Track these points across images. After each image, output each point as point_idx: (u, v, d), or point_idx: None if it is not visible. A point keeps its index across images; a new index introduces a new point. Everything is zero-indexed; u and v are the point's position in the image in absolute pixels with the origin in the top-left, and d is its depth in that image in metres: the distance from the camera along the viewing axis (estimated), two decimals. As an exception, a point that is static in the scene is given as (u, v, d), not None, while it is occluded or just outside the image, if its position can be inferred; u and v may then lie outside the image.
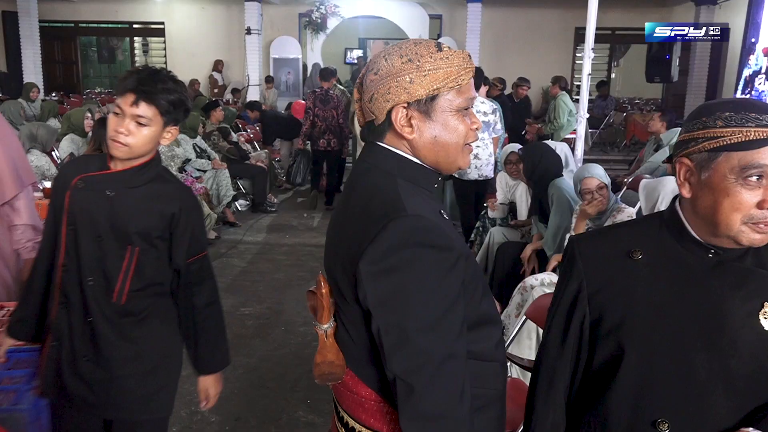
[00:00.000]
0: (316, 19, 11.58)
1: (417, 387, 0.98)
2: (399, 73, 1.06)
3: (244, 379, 3.29)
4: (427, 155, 1.11)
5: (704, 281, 1.11)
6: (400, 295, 0.98)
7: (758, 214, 1.04)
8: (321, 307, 1.06)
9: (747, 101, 1.06)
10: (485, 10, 11.19)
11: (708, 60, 11.04)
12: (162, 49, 12.78)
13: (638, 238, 1.17)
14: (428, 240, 0.99)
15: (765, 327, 1.09)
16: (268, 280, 4.87)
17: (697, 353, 1.09)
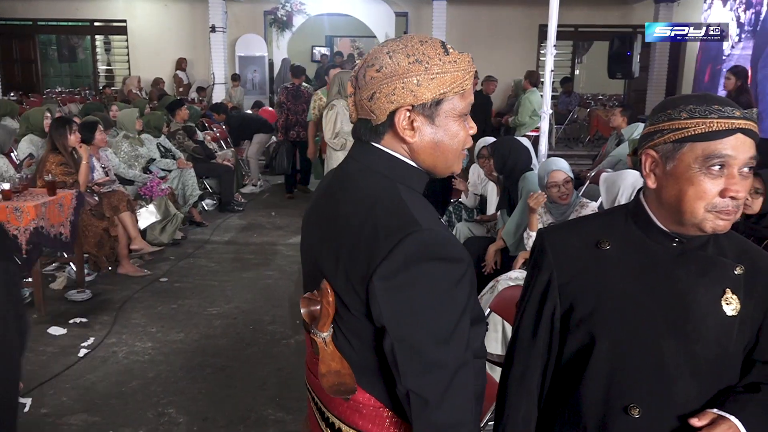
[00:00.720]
0: (282, 17, 11.50)
1: (432, 400, 0.98)
2: (406, 74, 1.02)
3: (211, 379, 3.27)
4: (426, 159, 1.08)
5: (670, 270, 1.15)
6: (416, 310, 0.97)
7: (721, 203, 1.08)
8: (325, 315, 1.02)
9: (709, 95, 1.11)
10: (450, 7, 11.26)
11: (667, 56, 11.30)
12: (124, 47, 12.54)
13: (605, 229, 1.21)
14: (441, 254, 0.98)
15: (727, 312, 1.14)
16: (236, 280, 4.84)
17: (664, 340, 1.13)
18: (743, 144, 1.07)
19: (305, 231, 1.20)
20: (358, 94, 1.07)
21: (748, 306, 1.16)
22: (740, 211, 1.11)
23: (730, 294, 1.14)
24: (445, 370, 0.98)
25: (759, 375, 1.19)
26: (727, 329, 1.14)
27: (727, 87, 5.57)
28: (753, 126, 1.08)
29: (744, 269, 1.16)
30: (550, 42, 4.97)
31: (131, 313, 4.15)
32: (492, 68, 10.22)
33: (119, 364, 3.43)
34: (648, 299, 1.15)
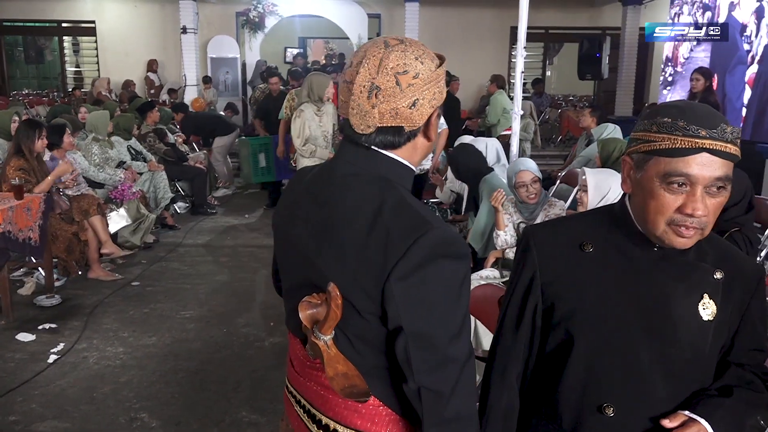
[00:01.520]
0: (254, 18, 11.43)
1: (445, 393, 1.01)
2: (438, 78, 1.07)
3: (185, 383, 3.25)
4: (423, 155, 1.14)
5: (650, 274, 1.16)
6: (431, 307, 1.00)
7: (678, 218, 1.08)
8: (333, 318, 1.01)
9: (689, 108, 1.09)
10: (423, 9, 11.32)
11: (636, 57, 11.51)
12: (93, 48, 12.35)
13: (590, 230, 1.22)
14: (452, 251, 1.01)
15: (704, 317, 1.16)
16: (210, 283, 4.81)
17: (641, 343, 1.16)
18: (709, 164, 1.05)
19: (284, 232, 1.19)
20: (388, 102, 1.04)
21: (726, 310, 1.18)
22: (706, 230, 1.10)
23: (707, 299, 1.17)
24: (456, 364, 1.01)
25: (732, 377, 1.21)
26: (702, 333, 1.16)
27: (697, 88, 5.67)
28: (722, 146, 1.05)
29: (724, 274, 1.17)
30: (520, 44, 5.03)
31: (102, 317, 4.10)
32: (464, 70, 10.32)
33: (90, 370, 3.39)
34: (627, 302, 1.16)
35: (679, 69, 8.94)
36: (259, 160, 7.22)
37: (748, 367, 1.24)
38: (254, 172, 7.24)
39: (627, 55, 11.36)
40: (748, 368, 1.24)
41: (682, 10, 8.84)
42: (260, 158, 7.22)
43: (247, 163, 7.27)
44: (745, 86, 7.12)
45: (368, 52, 1.05)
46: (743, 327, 1.22)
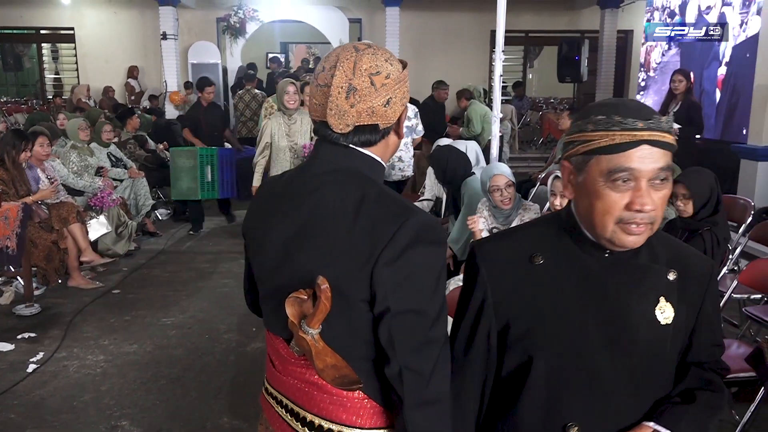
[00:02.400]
0: (235, 24, 11.42)
1: (425, 373, 1.05)
2: (405, 79, 1.15)
3: (166, 390, 3.24)
4: (392, 152, 1.21)
5: (602, 282, 1.13)
6: (417, 289, 1.05)
7: (627, 216, 1.05)
8: (322, 310, 1.03)
9: (621, 104, 1.07)
10: (403, 13, 11.38)
11: (614, 60, 11.65)
12: (73, 55, 12.26)
13: (538, 241, 1.17)
14: (434, 237, 1.08)
15: (661, 321, 1.13)
16: (192, 289, 4.79)
17: (600, 354, 1.11)
18: (650, 156, 1.04)
19: (258, 238, 1.21)
20: (365, 102, 1.10)
21: (682, 311, 1.15)
22: (656, 224, 1.08)
23: (663, 302, 1.14)
24: (436, 346, 1.07)
25: (693, 379, 1.18)
26: (661, 338, 1.13)
27: (679, 89, 5.75)
28: (660, 136, 1.04)
29: (677, 274, 1.15)
30: (499, 47, 5.08)
31: (82, 326, 4.07)
32: (445, 73, 10.36)
33: (70, 379, 3.36)
34: (582, 314, 1.12)
35: (651, 74, 9.10)
36: (206, 173, 6.28)
37: (707, 365, 1.22)
38: (201, 187, 6.27)
39: (605, 58, 11.50)
40: (707, 365, 1.22)
41: (653, 16, 9.02)
42: (206, 171, 6.29)
43: (189, 176, 6.25)
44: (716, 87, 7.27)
45: (341, 56, 1.12)
46: (700, 325, 1.19)
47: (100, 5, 11.87)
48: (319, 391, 1.14)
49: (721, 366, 1.24)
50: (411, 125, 5.43)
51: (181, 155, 6.29)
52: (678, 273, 1.15)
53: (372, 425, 1.13)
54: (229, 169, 6.52)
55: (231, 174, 6.53)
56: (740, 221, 4.04)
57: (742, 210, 4.11)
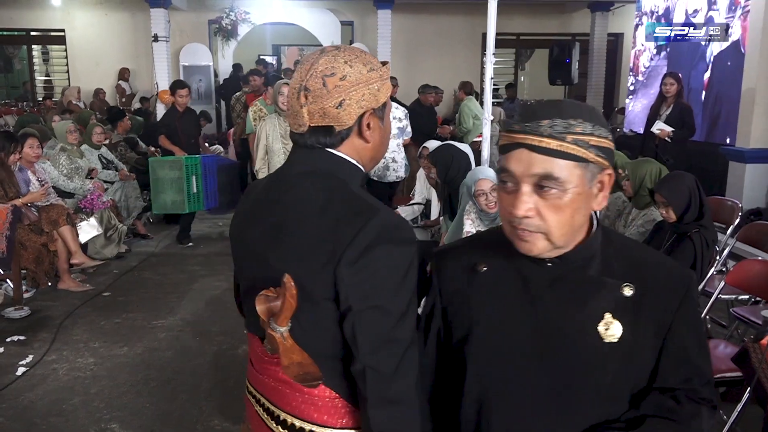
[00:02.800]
0: (227, 26, 11.41)
1: (387, 373, 1.05)
2: (369, 81, 1.12)
3: (156, 393, 3.23)
4: (371, 156, 1.19)
5: (542, 294, 1.07)
6: (377, 289, 1.04)
7: (514, 220, 1.03)
8: (288, 308, 1.05)
9: (529, 104, 1.05)
10: (395, 16, 11.39)
11: (605, 63, 11.71)
12: (63, 57, 12.21)
13: (487, 250, 1.14)
14: (398, 236, 1.07)
15: (604, 339, 1.04)
16: (182, 292, 4.78)
17: (534, 371, 1.07)
18: (527, 160, 0.99)
19: (240, 238, 1.23)
20: (316, 103, 1.10)
21: (638, 330, 1.06)
22: (552, 236, 1.02)
23: (609, 318, 1.05)
24: (400, 346, 1.06)
25: (650, 405, 1.08)
26: (604, 358, 1.05)
27: (671, 92, 5.79)
28: (537, 140, 0.99)
29: (634, 289, 1.06)
30: (490, 50, 5.10)
31: (72, 329, 4.06)
32: (437, 75, 10.40)
33: (59, 382, 3.35)
34: (517, 326, 1.08)
35: (640, 78, 9.18)
36: (192, 184, 5.79)
37: (681, 392, 1.08)
38: (188, 199, 5.78)
39: (596, 61, 11.57)
40: (682, 393, 1.08)
41: (642, 21, 9.11)
42: (192, 182, 5.80)
43: (174, 188, 5.71)
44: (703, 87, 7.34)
45: (305, 59, 1.14)
46: (669, 347, 1.07)
47: (90, 7, 11.83)
48: (292, 389, 1.15)
49: (701, 396, 1.09)
50: (402, 126, 5.46)
51: (163, 166, 5.74)
52: (637, 288, 1.06)
53: (343, 425, 1.14)
54: (212, 178, 6.08)
55: (214, 183, 6.09)
56: (728, 223, 4.08)
57: (729, 212, 4.15)
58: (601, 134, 1.01)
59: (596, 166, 1.01)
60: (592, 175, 1.01)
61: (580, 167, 1.00)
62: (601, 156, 1.01)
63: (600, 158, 1.01)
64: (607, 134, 1.02)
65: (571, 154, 0.98)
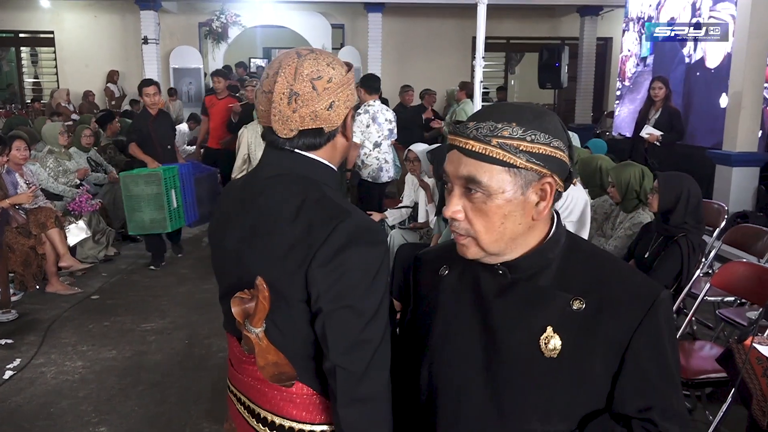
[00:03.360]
0: (217, 29, 11.40)
1: (357, 372, 1.07)
2: (349, 82, 1.17)
3: (145, 396, 3.22)
4: (343, 155, 1.23)
5: (492, 301, 1.04)
6: (349, 291, 1.06)
7: (451, 223, 1.02)
8: (261, 310, 1.07)
9: (489, 107, 1.02)
10: (386, 19, 11.43)
11: (594, 67, 11.79)
12: (52, 59, 12.15)
13: (455, 253, 1.09)
14: (369, 238, 1.09)
15: (544, 353, 0.98)
16: (172, 295, 4.76)
17: (475, 380, 1.04)
18: (456, 161, 0.99)
19: (218, 240, 1.25)
20: (307, 106, 1.12)
21: (584, 346, 0.98)
22: (482, 240, 0.99)
23: (550, 332, 0.98)
24: (370, 346, 1.08)
25: (594, 430, 1.00)
26: (543, 373, 0.98)
27: (659, 96, 5.84)
28: (462, 142, 0.97)
29: (586, 304, 0.98)
30: (479, 54, 5.13)
31: (60, 332, 4.04)
32: (428, 78, 10.43)
33: (47, 385, 3.33)
34: (466, 333, 1.05)
35: (626, 83, 9.28)
36: (171, 199, 5.04)
37: (636, 422, 0.99)
38: (170, 216, 5.03)
39: (585, 65, 11.65)
40: (637, 423, 0.99)
41: (628, 26, 9.22)
42: (172, 197, 5.06)
43: (152, 205, 4.94)
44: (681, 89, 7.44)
45: (283, 63, 1.14)
46: (626, 370, 0.98)
47: (80, 9, 11.78)
48: (270, 388, 1.17)
49: (659, 429, 0.99)
50: (392, 128, 5.50)
51: (137, 182, 4.93)
52: (591, 302, 0.98)
53: (321, 420, 1.17)
54: (190, 189, 5.35)
55: (192, 194, 5.36)
56: (714, 225, 4.12)
57: (716, 214, 4.19)
58: (536, 140, 0.95)
59: (531, 173, 0.96)
60: (526, 182, 0.96)
61: (508, 173, 0.95)
62: (535, 163, 0.95)
63: (534, 165, 0.95)
64: (548, 140, 0.96)
65: (496, 158, 0.95)
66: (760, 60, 6.04)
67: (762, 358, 2.03)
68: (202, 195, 5.47)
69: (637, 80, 8.90)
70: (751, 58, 6.01)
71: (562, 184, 1.00)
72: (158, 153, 5.43)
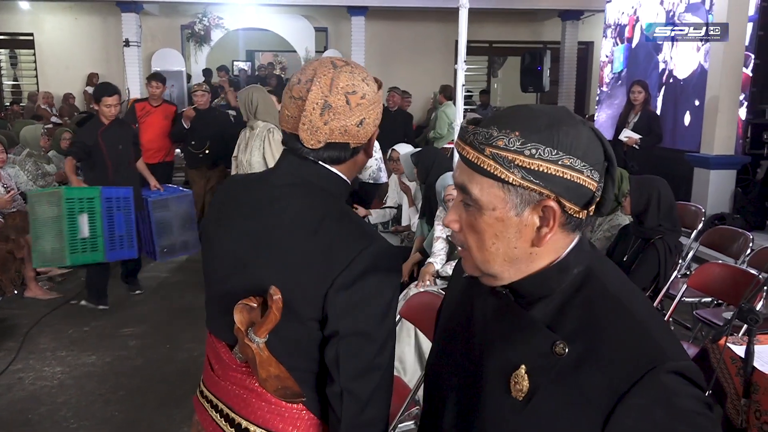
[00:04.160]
0: (199, 31, 11.36)
1: (364, 397, 1.06)
2: (379, 101, 1.16)
3: (125, 401, 3.20)
4: (357, 171, 1.21)
5: (483, 323, 0.94)
6: (368, 316, 1.06)
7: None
8: (271, 321, 1.04)
9: (511, 108, 0.89)
10: (369, 23, 11.45)
11: (575, 71, 11.92)
12: (32, 61, 12.02)
13: None
14: (390, 265, 1.09)
15: (512, 393, 0.85)
16: (153, 299, 4.73)
17: (447, 403, 0.98)
18: (459, 168, 0.88)
19: (213, 241, 1.22)
20: (338, 120, 1.10)
21: (556, 397, 0.82)
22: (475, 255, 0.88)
23: (522, 372, 0.85)
24: (378, 372, 1.08)
25: None
26: (504, 413, 0.86)
27: (638, 100, 5.90)
28: (460, 147, 0.86)
29: (570, 350, 0.82)
30: (461, 57, 5.16)
31: (39, 337, 3.99)
32: (411, 82, 10.46)
33: (25, 391, 3.29)
34: (455, 352, 0.99)
35: (604, 89, 9.41)
36: (80, 226, 4.07)
37: None
38: (71, 247, 4.04)
39: (567, 68, 11.76)
40: None
41: (606, 33, 9.35)
42: (81, 223, 4.07)
43: (52, 232, 4.06)
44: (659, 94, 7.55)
45: (318, 71, 1.11)
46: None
47: (60, 11, 11.68)
48: (258, 398, 1.14)
49: None
50: None
51: (41, 200, 4.09)
52: (576, 350, 0.82)
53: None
54: (124, 217, 4.32)
55: (131, 224, 4.37)
56: (692, 227, 4.18)
57: (693, 216, 4.26)
58: (537, 155, 0.80)
59: (529, 192, 0.81)
60: (522, 202, 0.82)
61: (501, 188, 0.82)
62: (532, 181, 0.80)
63: (531, 183, 0.81)
64: (556, 157, 0.80)
65: (487, 170, 0.82)
66: (736, 64, 6.14)
67: (735, 357, 2.07)
68: (172, 221, 4.87)
69: (614, 85, 9.03)
70: (727, 63, 6.11)
71: (579, 209, 0.83)
72: (107, 173, 4.32)
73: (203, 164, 5.81)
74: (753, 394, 1.95)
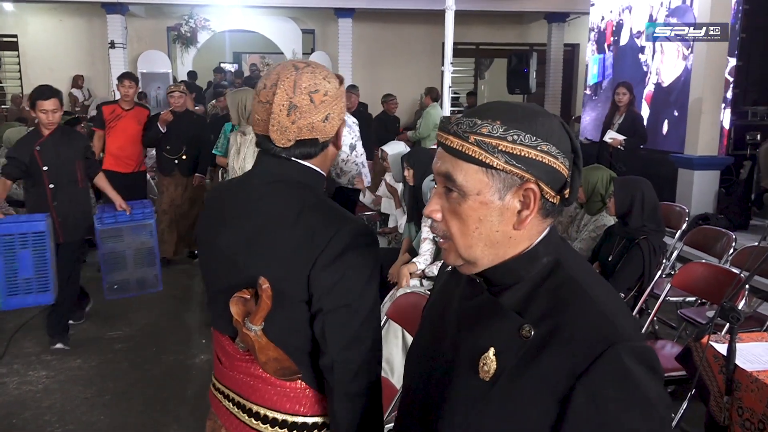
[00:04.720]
0: (186, 33, 11.30)
1: (354, 368, 1.14)
2: (341, 95, 1.24)
3: (111, 405, 3.18)
4: (332, 162, 1.30)
5: (459, 311, 0.98)
6: (349, 291, 1.14)
7: None
8: (264, 308, 1.12)
9: (489, 103, 0.93)
10: (356, 25, 11.46)
11: (561, 72, 12.00)
12: (16, 63, 11.91)
13: None
14: (367, 241, 1.17)
15: (480, 375, 0.88)
16: (139, 302, 4.69)
17: (422, 387, 0.99)
18: (440, 157, 0.92)
19: (208, 243, 1.29)
20: (305, 118, 1.18)
21: (520, 379, 0.85)
22: (459, 245, 0.91)
23: (491, 354, 0.88)
24: (365, 343, 1.16)
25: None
26: (472, 394, 0.89)
27: (623, 101, 5.93)
28: (443, 137, 0.91)
29: (534, 333, 0.85)
30: (447, 59, 5.19)
31: (23, 341, 3.95)
32: (398, 84, 10.50)
33: (9, 396, 3.26)
34: (429, 341, 1.01)
35: (587, 92, 9.51)
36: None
37: None
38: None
39: (553, 70, 11.84)
40: None
41: (590, 36, 9.44)
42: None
43: None
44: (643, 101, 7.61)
45: (281, 75, 1.19)
46: (568, 422, 0.81)
47: (45, 12, 11.58)
48: (264, 383, 1.22)
49: None
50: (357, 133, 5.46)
51: None
52: (540, 333, 0.85)
53: (314, 413, 1.23)
54: (33, 256, 3.60)
55: (45, 263, 3.63)
56: (676, 227, 4.23)
57: (678, 216, 4.31)
58: (519, 141, 0.86)
59: (511, 176, 0.87)
60: (504, 186, 0.87)
61: (485, 173, 0.87)
62: (515, 165, 0.86)
63: (514, 167, 0.86)
64: (535, 143, 0.86)
65: (472, 156, 0.87)
66: (719, 66, 6.22)
67: (718, 355, 2.09)
68: (125, 254, 4.29)
69: (598, 87, 9.12)
70: (709, 66, 6.18)
71: (554, 194, 0.89)
72: (45, 191, 3.67)
73: (177, 171, 5.44)
74: (735, 392, 1.98)
